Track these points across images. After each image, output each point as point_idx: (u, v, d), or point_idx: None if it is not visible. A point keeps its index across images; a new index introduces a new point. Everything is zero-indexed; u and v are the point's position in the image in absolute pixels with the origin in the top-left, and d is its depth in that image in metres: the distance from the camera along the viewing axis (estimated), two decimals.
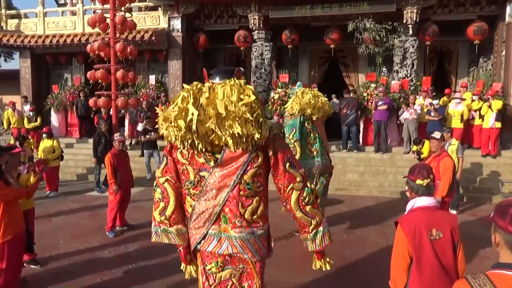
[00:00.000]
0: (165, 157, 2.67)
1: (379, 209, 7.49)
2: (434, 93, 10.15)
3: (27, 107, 12.59)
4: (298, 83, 6.81)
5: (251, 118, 2.34)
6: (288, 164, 2.53)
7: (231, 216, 2.49)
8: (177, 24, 12.23)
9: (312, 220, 2.57)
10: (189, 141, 2.41)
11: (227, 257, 2.58)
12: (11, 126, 11.94)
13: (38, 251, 5.06)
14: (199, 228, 2.57)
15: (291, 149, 3.53)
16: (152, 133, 9.72)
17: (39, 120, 11.74)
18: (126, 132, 11.78)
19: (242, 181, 2.46)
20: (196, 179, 2.52)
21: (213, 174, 2.47)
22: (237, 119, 2.32)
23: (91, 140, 11.13)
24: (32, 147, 9.00)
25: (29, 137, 9.52)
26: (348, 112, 10.20)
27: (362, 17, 10.51)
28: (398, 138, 10.43)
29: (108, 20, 9.52)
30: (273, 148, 2.52)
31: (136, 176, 6.91)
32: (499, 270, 1.51)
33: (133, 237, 5.99)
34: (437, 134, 4.72)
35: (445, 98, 10.14)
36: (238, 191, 2.47)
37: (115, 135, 6.43)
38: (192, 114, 2.32)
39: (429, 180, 2.38)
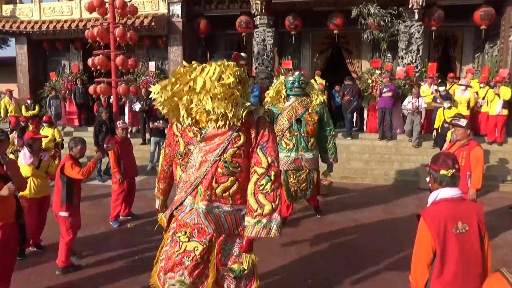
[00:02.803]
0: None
1: (385, 197, 7.40)
2: (440, 80, 9.99)
3: (55, 102, 12.16)
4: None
5: (220, 96, 2.47)
6: (259, 147, 2.66)
7: (203, 189, 2.67)
8: (177, 9, 11.95)
9: (259, 208, 2.61)
10: (172, 112, 2.63)
11: (195, 229, 2.75)
12: (8, 115, 11.76)
13: None
14: (180, 196, 2.78)
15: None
16: (161, 121, 9.55)
17: (37, 108, 11.56)
18: (126, 120, 11.61)
19: (221, 159, 2.63)
20: (184, 151, 2.73)
21: (197, 148, 2.67)
22: (209, 95, 2.47)
23: (90, 128, 11.00)
24: None
25: (29, 125, 9.35)
26: (352, 98, 10.06)
27: (367, 2, 10.26)
28: (403, 125, 10.30)
29: (107, 5, 9.24)
30: (256, 131, 2.66)
31: (137, 165, 6.80)
32: None
33: (138, 226, 5.90)
34: (462, 122, 4.52)
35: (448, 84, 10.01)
36: (216, 167, 2.64)
37: (118, 122, 6.28)
38: (172, 84, 2.53)
39: (454, 170, 2.23)
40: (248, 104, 2.65)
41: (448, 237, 2.14)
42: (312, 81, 6.04)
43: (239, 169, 2.67)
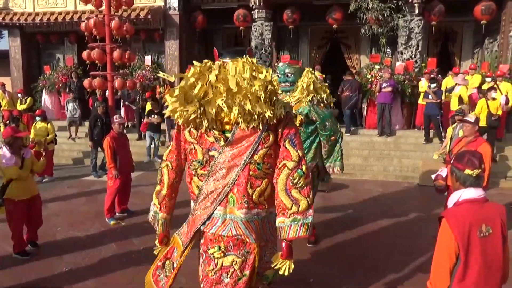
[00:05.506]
0: (172, 141, 2.66)
1: (386, 194, 7.33)
2: (433, 76, 9.85)
3: (71, 106, 11.06)
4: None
5: (263, 95, 2.30)
6: (288, 140, 2.46)
7: (238, 197, 2.43)
8: (173, 2, 11.73)
9: (293, 205, 2.37)
10: (196, 120, 2.37)
11: (230, 242, 2.49)
12: (1, 109, 11.47)
13: None
14: (205, 208, 2.50)
15: None
16: (155, 116, 9.40)
17: (29, 100, 11.26)
18: (122, 115, 11.40)
19: (252, 161, 2.41)
20: (204, 159, 2.46)
21: (223, 153, 2.41)
22: (248, 96, 2.28)
23: (85, 123, 10.78)
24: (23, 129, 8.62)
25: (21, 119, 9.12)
26: (352, 94, 9.94)
27: None
28: (402, 121, 10.22)
29: None
30: (282, 127, 2.45)
31: (133, 160, 6.66)
32: None
33: (134, 223, 5.75)
34: (471, 117, 4.39)
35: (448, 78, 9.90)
36: (248, 171, 2.41)
37: (114, 117, 6.09)
38: (198, 90, 2.31)
39: (480, 170, 2.08)
40: (283, 101, 2.49)
41: (472, 241, 2.01)
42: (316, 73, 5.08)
43: (271, 169, 2.46)
